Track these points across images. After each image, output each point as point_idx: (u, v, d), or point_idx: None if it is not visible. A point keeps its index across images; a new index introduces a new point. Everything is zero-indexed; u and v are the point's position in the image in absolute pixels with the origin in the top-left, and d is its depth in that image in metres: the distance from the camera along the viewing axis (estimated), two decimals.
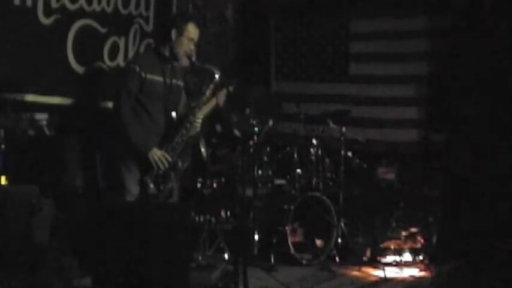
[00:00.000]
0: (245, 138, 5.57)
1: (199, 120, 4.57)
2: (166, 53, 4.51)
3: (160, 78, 4.46)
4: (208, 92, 4.57)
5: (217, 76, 4.56)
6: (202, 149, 5.58)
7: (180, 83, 4.65)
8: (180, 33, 4.47)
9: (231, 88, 5.18)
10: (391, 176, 6.50)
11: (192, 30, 4.50)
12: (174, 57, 4.51)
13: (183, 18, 4.71)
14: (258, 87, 7.39)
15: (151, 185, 4.36)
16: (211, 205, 5.59)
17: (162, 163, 4.37)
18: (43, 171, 4.89)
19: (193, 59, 4.52)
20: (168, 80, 4.49)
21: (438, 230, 5.78)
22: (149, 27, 5.89)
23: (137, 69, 4.37)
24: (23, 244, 4.14)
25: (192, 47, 4.52)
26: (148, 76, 4.40)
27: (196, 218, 5.59)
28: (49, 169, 4.99)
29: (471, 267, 5.22)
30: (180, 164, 4.50)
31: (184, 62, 4.58)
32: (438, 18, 6.64)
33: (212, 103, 5.03)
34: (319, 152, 5.93)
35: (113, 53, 5.54)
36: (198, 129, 4.61)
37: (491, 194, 5.90)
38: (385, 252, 5.61)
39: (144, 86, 4.39)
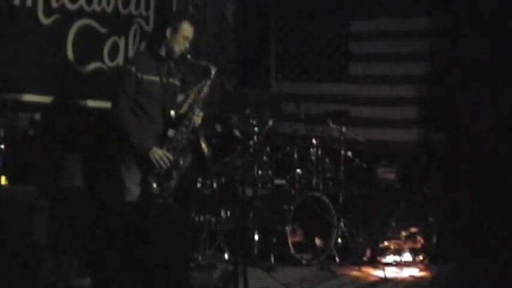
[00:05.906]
0: (245, 138, 5.56)
1: (198, 117, 4.57)
2: (162, 52, 4.50)
3: (156, 78, 4.45)
4: (205, 89, 4.57)
5: (213, 72, 4.57)
6: (203, 145, 5.55)
7: (177, 82, 4.64)
8: (175, 31, 4.45)
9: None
10: (391, 176, 6.49)
11: (186, 28, 4.47)
12: (169, 56, 4.51)
13: (177, 16, 4.70)
14: (258, 87, 7.39)
15: (154, 185, 4.35)
16: (211, 205, 5.58)
17: (164, 162, 4.36)
18: (43, 171, 4.88)
19: (189, 56, 4.52)
20: (164, 80, 4.48)
21: (438, 230, 5.77)
22: (149, 27, 5.89)
23: (133, 70, 4.37)
24: (23, 244, 4.13)
25: (187, 45, 4.52)
26: (145, 77, 4.39)
27: (196, 218, 5.58)
28: (49, 169, 4.99)
29: (471, 267, 5.21)
30: (181, 162, 4.49)
31: (180, 60, 4.57)
32: (438, 18, 6.64)
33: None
34: (319, 152, 5.92)
35: (113, 53, 5.54)
36: (197, 126, 4.60)
37: (491, 193, 5.90)
38: (385, 252, 5.62)
39: (141, 87, 4.38)
